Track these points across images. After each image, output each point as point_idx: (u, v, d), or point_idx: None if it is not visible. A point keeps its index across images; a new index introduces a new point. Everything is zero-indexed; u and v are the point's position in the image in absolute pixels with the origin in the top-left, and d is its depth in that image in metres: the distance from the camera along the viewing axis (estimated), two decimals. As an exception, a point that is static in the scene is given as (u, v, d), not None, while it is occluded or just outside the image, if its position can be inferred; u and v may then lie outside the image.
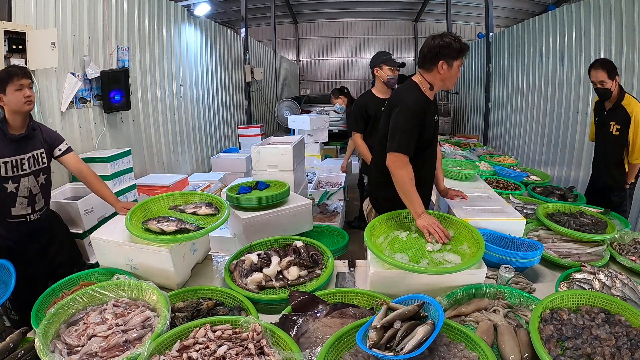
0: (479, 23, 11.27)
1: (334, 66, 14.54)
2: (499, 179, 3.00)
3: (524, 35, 5.69)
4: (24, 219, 1.87)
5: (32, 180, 1.84)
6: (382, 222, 1.69)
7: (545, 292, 1.45)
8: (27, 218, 1.88)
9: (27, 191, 1.82)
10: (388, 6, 12.45)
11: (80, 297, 1.23)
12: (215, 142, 5.97)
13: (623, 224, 2.18)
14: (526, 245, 1.65)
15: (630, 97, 2.62)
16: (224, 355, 1.00)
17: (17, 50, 2.30)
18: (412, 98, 1.70)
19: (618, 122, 2.64)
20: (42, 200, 1.94)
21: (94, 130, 3.18)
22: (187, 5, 4.94)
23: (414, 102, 1.69)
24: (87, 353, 1.04)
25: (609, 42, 3.93)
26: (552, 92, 4.97)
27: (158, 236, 1.49)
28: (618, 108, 2.63)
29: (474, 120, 8.02)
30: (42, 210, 1.95)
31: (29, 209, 1.87)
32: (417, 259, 1.46)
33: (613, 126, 2.70)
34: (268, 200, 2.14)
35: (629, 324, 1.12)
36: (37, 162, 1.86)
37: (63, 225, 2.26)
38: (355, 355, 1.05)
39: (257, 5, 10.48)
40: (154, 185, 3.48)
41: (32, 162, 1.84)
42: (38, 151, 1.86)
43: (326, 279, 1.52)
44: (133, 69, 3.73)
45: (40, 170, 1.89)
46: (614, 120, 2.69)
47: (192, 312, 1.29)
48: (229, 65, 6.54)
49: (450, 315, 1.26)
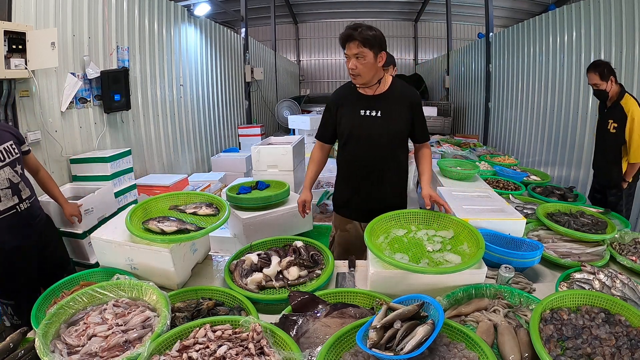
0: (479, 23, 11.28)
1: (334, 66, 14.54)
2: (499, 179, 3.00)
3: (524, 35, 5.69)
4: (14, 210, 1.85)
5: (8, 171, 1.83)
6: (382, 222, 1.68)
7: (545, 292, 1.45)
8: (18, 208, 1.86)
9: (7, 182, 1.81)
10: (388, 6, 12.46)
11: (80, 297, 1.23)
12: (215, 142, 5.97)
13: (623, 224, 2.18)
14: (526, 245, 1.65)
15: (629, 97, 2.65)
16: (224, 355, 1.00)
17: (17, 50, 2.30)
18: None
19: (615, 120, 2.69)
20: (27, 189, 1.92)
21: (94, 130, 3.19)
22: (187, 5, 4.95)
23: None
24: (87, 353, 1.04)
25: (609, 42, 3.93)
26: (552, 92, 4.97)
27: (158, 236, 1.49)
28: (616, 107, 2.68)
29: (474, 120, 8.02)
30: (31, 200, 1.94)
31: (16, 198, 1.85)
32: (417, 259, 1.46)
33: (611, 124, 2.75)
34: (268, 200, 2.14)
35: (629, 324, 1.12)
36: (9, 153, 1.85)
37: (55, 228, 2.25)
38: (355, 355, 1.05)
39: (257, 5, 10.48)
40: (154, 185, 3.48)
41: (5, 154, 1.83)
42: (7, 143, 1.85)
43: (326, 279, 1.52)
44: (133, 69, 3.73)
45: (15, 161, 1.87)
46: (611, 118, 2.73)
47: (192, 312, 1.29)
48: (229, 65, 6.55)
49: (450, 315, 1.26)
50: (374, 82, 1.79)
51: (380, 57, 1.71)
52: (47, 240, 2.04)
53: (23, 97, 2.50)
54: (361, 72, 1.71)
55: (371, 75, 1.75)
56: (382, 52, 1.71)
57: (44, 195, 2.55)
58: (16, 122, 2.46)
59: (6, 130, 1.91)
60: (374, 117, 1.81)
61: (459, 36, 11.86)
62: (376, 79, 1.79)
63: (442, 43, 12.02)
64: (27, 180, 1.95)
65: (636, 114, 2.57)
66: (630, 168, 2.70)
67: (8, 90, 2.35)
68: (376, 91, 1.82)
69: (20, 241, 1.87)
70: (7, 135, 1.88)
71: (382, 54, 1.71)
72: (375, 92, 1.82)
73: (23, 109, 2.51)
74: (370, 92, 1.82)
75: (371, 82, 1.79)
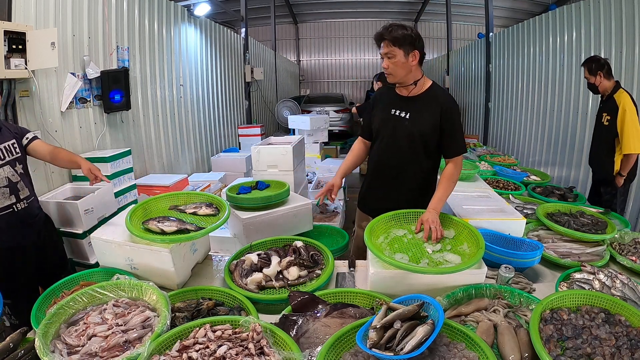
0: (479, 23, 11.28)
1: (334, 66, 14.55)
2: (499, 179, 3.00)
3: (524, 35, 5.69)
4: (11, 209, 1.83)
5: (8, 170, 1.82)
6: (382, 222, 1.68)
7: (545, 292, 1.45)
8: (15, 208, 1.84)
9: (5, 180, 1.80)
10: (388, 6, 12.47)
11: (80, 297, 1.23)
12: (215, 142, 5.97)
13: (623, 224, 2.18)
14: (526, 245, 1.65)
15: (622, 91, 2.72)
16: (224, 355, 1.00)
17: (17, 50, 2.30)
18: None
19: (608, 113, 2.77)
20: (26, 189, 1.90)
21: (94, 130, 3.19)
22: (187, 5, 4.94)
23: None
24: (87, 353, 1.04)
25: (609, 42, 3.93)
26: (552, 92, 4.98)
27: (158, 236, 1.49)
28: (610, 100, 2.77)
29: (474, 120, 8.02)
30: (30, 200, 1.92)
31: (13, 197, 1.83)
32: (417, 259, 1.46)
33: (605, 117, 2.83)
34: (268, 200, 2.13)
35: (629, 324, 1.12)
36: (10, 152, 1.84)
37: (54, 228, 2.24)
38: (355, 355, 1.05)
39: (257, 5, 10.49)
40: (154, 185, 3.48)
41: (6, 152, 1.82)
42: (9, 142, 1.85)
43: (326, 279, 1.52)
44: (133, 69, 3.73)
45: (16, 160, 1.87)
46: (605, 111, 2.83)
47: (192, 312, 1.29)
48: (229, 65, 6.54)
49: (450, 315, 1.26)
50: (408, 82, 1.77)
51: (412, 56, 1.69)
52: (45, 240, 2.04)
53: (23, 97, 2.50)
54: (392, 71, 1.72)
55: (403, 75, 1.74)
56: (414, 51, 1.68)
57: (44, 195, 2.56)
58: (16, 122, 2.46)
59: (8, 129, 1.90)
60: (402, 117, 1.81)
61: (459, 36, 11.87)
62: (411, 79, 1.76)
63: (442, 43, 12.01)
64: (27, 180, 1.94)
65: (627, 105, 2.62)
66: (625, 161, 2.71)
67: (8, 90, 2.35)
68: (410, 92, 1.81)
69: (19, 241, 1.87)
70: (8, 135, 1.87)
71: (414, 52, 1.68)
72: (409, 93, 1.81)
73: (23, 109, 2.51)
74: (405, 92, 1.82)
75: (406, 82, 1.77)
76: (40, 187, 2.52)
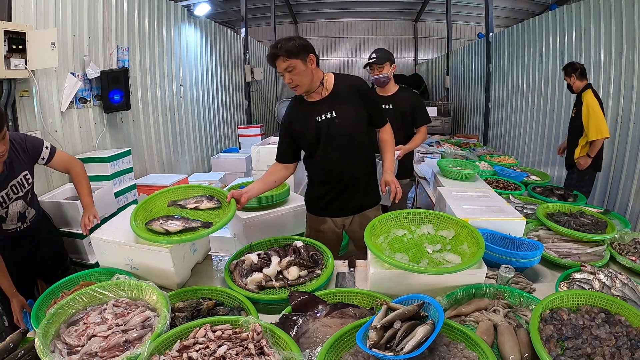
0: (479, 23, 11.26)
1: (334, 66, 14.52)
2: (499, 179, 2.99)
3: (524, 35, 5.69)
4: (15, 229, 1.84)
5: (21, 204, 1.80)
6: (382, 222, 1.68)
7: (545, 292, 1.45)
8: (18, 228, 1.85)
9: (17, 214, 1.80)
10: (388, 6, 12.45)
11: (80, 297, 1.23)
12: (215, 142, 5.97)
13: (623, 224, 2.18)
14: (526, 245, 1.65)
15: (589, 91, 3.26)
16: (224, 355, 1.00)
17: (17, 50, 2.30)
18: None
19: (577, 108, 3.38)
20: (32, 212, 1.90)
21: (94, 130, 3.19)
22: (187, 5, 4.95)
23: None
24: (87, 353, 1.04)
25: (609, 42, 3.93)
26: (552, 92, 4.98)
27: (165, 237, 1.46)
28: (578, 98, 3.37)
29: (474, 120, 8.02)
30: (33, 219, 1.92)
31: (19, 223, 1.85)
32: (417, 259, 1.46)
33: (573, 111, 3.48)
34: (268, 200, 2.13)
35: (629, 324, 1.12)
36: (22, 186, 1.79)
37: (52, 225, 2.22)
38: (355, 355, 1.05)
39: (257, 5, 10.47)
40: (154, 185, 3.48)
41: (18, 187, 1.77)
42: (21, 175, 1.77)
43: (326, 279, 1.52)
44: (133, 69, 3.73)
45: (28, 192, 1.83)
46: (575, 107, 3.44)
47: (192, 312, 1.29)
48: (229, 65, 6.55)
49: (450, 315, 1.26)
50: (315, 86, 1.79)
51: (310, 61, 1.71)
52: (40, 237, 2.01)
53: (23, 97, 2.50)
54: (298, 82, 1.72)
55: (309, 82, 1.75)
56: (309, 55, 1.70)
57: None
58: (16, 122, 2.47)
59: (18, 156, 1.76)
60: (331, 118, 1.82)
61: (459, 36, 11.85)
62: (317, 82, 1.79)
63: (442, 43, 12.00)
64: (34, 203, 1.92)
65: (590, 101, 3.18)
66: (593, 146, 3.24)
67: (8, 90, 2.35)
68: (323, 94, 1.83)
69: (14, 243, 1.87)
70: (20, 165, 1.76)
71: (310, 56, 1.70)
72: (322, 95, 1.83)
73: (23, 109, 2.51)
74: (318, 96, 1.83)
75: (313, 88, 1.79)
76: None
